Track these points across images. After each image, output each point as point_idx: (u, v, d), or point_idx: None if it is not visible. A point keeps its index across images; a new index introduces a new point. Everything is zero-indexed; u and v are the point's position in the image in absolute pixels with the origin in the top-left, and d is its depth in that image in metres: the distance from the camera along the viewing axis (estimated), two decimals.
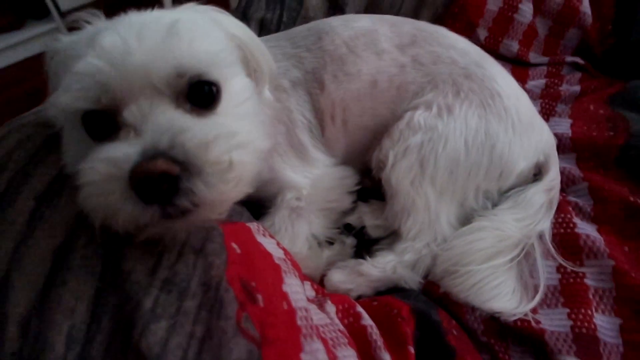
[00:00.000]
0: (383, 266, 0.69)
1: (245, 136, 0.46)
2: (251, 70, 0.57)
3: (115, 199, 0.39)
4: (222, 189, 0.41)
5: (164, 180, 0.38)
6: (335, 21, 0.78)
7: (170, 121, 0.41)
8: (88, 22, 0.50)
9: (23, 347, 0.38)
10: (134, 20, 0.47)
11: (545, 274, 0.65)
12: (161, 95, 0.43)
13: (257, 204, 0.72)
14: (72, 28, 0.50)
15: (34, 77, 1.90)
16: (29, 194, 0.46)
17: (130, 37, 0.42)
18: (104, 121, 0.44)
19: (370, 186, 0.79)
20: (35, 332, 0.38)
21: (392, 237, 0.75)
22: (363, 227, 0.79)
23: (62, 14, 2.03)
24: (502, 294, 0.63)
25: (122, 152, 0.39)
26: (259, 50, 0.58)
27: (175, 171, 0.38)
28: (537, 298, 0.63)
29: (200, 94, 0.46)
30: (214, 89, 0.47)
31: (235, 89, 0.51)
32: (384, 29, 0.75)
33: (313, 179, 0.72)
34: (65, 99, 0.42)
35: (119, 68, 0.41)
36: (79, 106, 0.42)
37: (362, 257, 0.72)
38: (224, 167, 0.41)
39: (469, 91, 0.70)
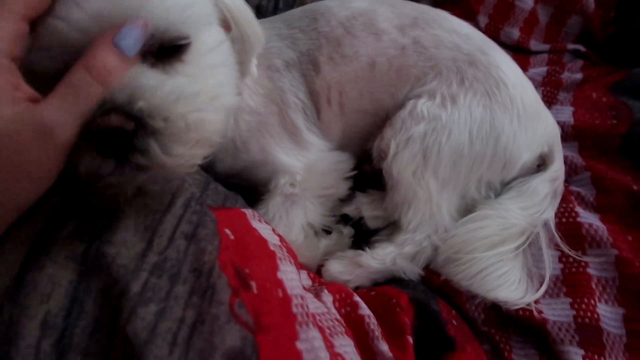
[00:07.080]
0: (382, 258, 0.68)
1: (211, 91, 0.45)
2: (234, 34, 0.55)
3: (77, 148, 0.38)
4: (178, 151, 0.40)
5: (118, 135, 0.37)
6: (332, 2, 0.75)
7: (133, 75, 0.40)
8: None
9: None
10: None
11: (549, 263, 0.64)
12: None
13: (251, 190, 0.70)
14: None
15: None
16: None
17: None
18: None
19: (369, 172, 0.77)
20: (8, 318, 0.36)
21: (391, 228, 0.73)
22: (361, 218, 0.77)
23: None
24: (508, 283, 0.61)
25: None
26: (243, 18, 0.55)
27: (130, 127, 0.37)
28: (543, 288, 0.61)
29: (168, 48, 0.44)
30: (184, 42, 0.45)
31: (206, 40, 0.49)
32: (383, 10, 0.73)
33: (307, 164, 0.70)
34: (32, 56, 0.40)
35: (75, 25, 0.39)
36: (46, 65, 0.41)
37: (360, 248, 0.70)
38: (181, 128, 0.40)
39: (474, 80, 0.68)
